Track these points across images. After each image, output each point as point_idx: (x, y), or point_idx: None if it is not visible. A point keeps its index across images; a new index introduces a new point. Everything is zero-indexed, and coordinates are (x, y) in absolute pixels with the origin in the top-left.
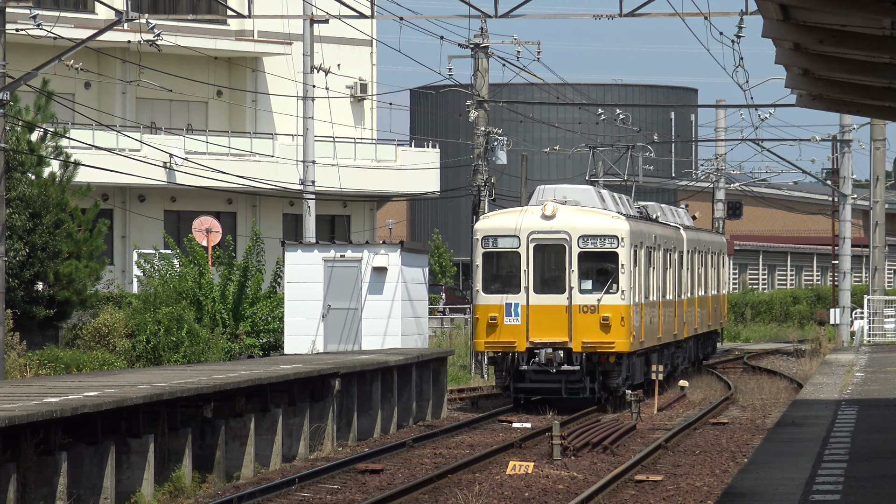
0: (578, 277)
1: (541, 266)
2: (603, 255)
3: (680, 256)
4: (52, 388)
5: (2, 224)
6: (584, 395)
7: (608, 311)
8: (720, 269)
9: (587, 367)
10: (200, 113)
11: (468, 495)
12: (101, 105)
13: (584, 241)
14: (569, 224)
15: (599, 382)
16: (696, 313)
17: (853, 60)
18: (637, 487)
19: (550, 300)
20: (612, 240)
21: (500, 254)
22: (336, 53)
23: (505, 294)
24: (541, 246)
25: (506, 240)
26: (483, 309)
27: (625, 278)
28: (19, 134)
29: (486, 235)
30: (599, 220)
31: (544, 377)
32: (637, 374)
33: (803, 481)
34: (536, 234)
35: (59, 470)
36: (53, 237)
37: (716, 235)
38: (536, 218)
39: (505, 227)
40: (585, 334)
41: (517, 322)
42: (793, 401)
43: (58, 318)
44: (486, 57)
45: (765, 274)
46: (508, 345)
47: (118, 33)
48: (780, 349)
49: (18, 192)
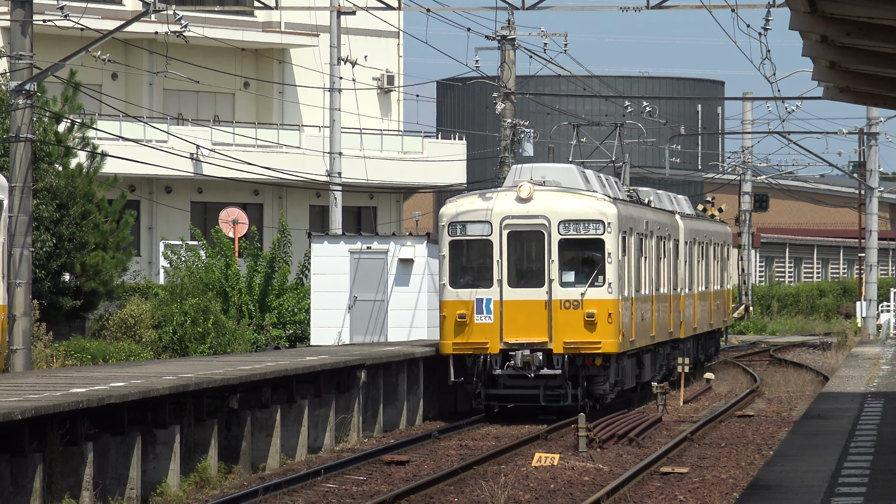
0: (559, 268)
1: (516, 256)
2: (587, 243)
3: (676, 246)
4: (78, 378)
5: (29, 215)
6: (565, 403)
7: (593, 307)
8: (724, 262)
9: (569, 371)
10: (227, 104)
11: (494, 487)
12: (129, 96)
13: (566, 227)
14: (547, 208)
15: (583, 388)
16: (696, 310)
17: (881, 53)
18: (663, 479)
19: (527, 295)
20: (598, 225)
21: (469, 242)
22: (363, 45)
23: (475, 288)
24: (516, 233)
25: (476, 226)
26: (450, 305)
27: (612, 269)
28: (46, 125)
29: (453, 221)
30: (582, 202)
31: (520, 383)
32: (627, 378)
33: (829, 474)
34: (511, 220)
35: (85, 460)
36: (80, 228)
37: (719, 225)
38: (511, 201)
39: (475, 211)
40: (567, 333)
41: (489, 320)
42: (819, 393)
43: (84, 308)
44: (513, 49)
45: (791, 267)
46: (479, 346)
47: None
48: (807, 342)
49: (45, 183)
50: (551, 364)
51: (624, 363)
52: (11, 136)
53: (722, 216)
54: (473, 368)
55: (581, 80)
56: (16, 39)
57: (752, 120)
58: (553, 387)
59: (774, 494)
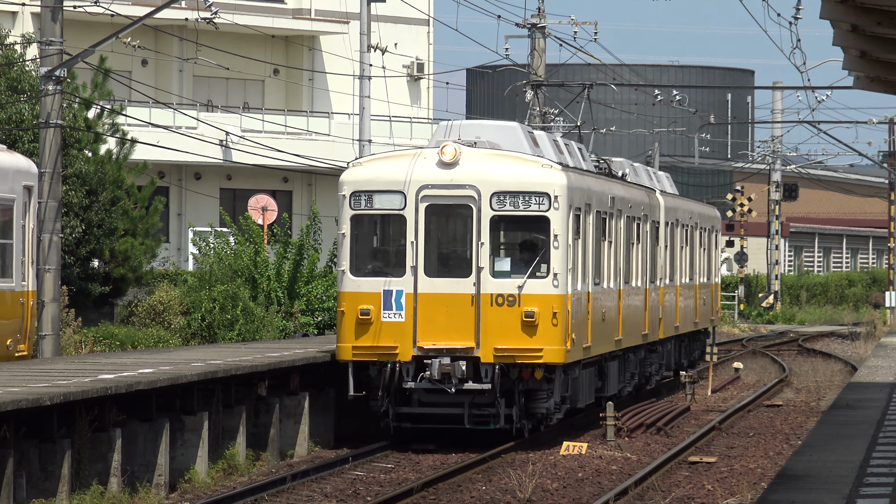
0: (491, 254)
1: (436, 236)
2: (527, 221)
3: (654, 229)
4: (107, 364)
5: (58, 201)
6: (496, 426)
7: (534, 304)
8: (711, 252)
9: (502, 386)
10: (257, 91)
11: (521, 475)
12: (158, 83)
13: (500, 201)
14: (477, 175)
15: (521, 407)
16: (678, 307)
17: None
18: (690, 469)
19: (449, 287)
20: (541, 199)
21: (376, 218)
22: (393, 32)
23: (383, 277)
24: (437, 207)
25: (385, 197)
26: (350, 298)
27: (559, 255)
28: (76, 111)
29: (356, 191)
30: (522, 169)
31: (440, 399)
32: (583, 392)
33: (857, 464)
34: (430, 190)
35: (113, 446)
36: (109, 214)
37: (706, 206)
38: (431, 167)
39: (385, 178)
40: (500, 337)
41: (399, 318)
42: (847, 383)
43: (113, 295)
44: (543, 37)
45: (820, 256)
46: (386, 351)
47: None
48: (835, 332)
49: (75, 169)
50: (478, 376)
51: (576, 375)
52: (41, 122)
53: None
54: (379, 380)
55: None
56: (46, 25)
57: (781, 109)
58: (481, 405)
59: (802, 485)
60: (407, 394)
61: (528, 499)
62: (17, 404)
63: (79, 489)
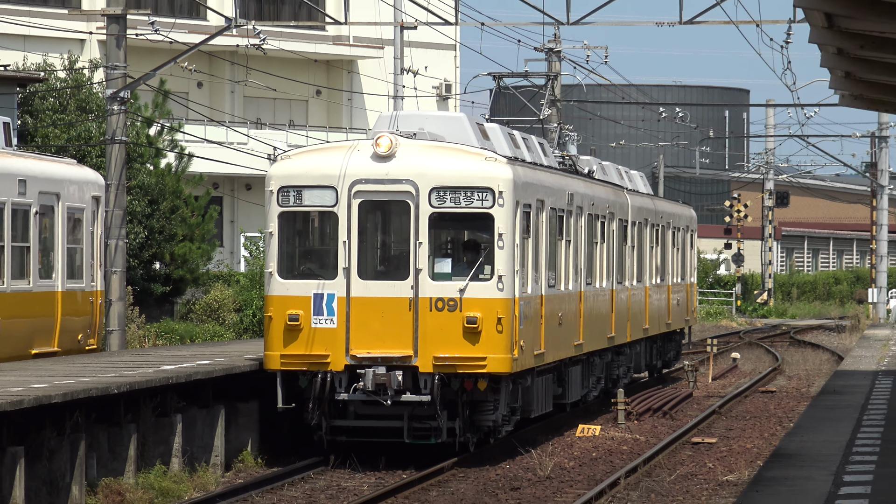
0: (430, 254)
1: (371, 236)
2: (469, 219)
3: (622, 228)
4: (168, 357)
5: (123, 210)
6: (438, 441)
7: (476, 309)
8: (686, 251)
9: (443, 397)
10: (301, 110)
11: (542, 455)
12: (212, 103)
13: (440, 197)
14: (415, 169)
15: (465, 419)
16: (648, 308)
17: (891, 64)
18: (693, 448)
19: (385, 290)
20: (484, 194)
21: (305, 215)
22: (423, 57)
23: (314, 279)
24: (371, 203)
25: (315, 193)
26: (279, 302)
27: (505, 256)
28: (139, 129)
29: (284, 186)
30: (464, 162)
31: (377, 411)
32: (537, 401)
33: (844, 444)
34: (364, 185)
35: (174, 430)
36: (169, 221)
37: (681, 207)
38: (366, 159)
39: (315, 172)
40: (440, 345)
41: (331, 324)
42: (834, 371)
43: (173, 294)
44: (559, 60)
45: (809, 257)
46: (317, 360)
47: (228, 38)
48: (823, 325)
49: (138, 181)
50: (417, 387)
51: (528, 384)
52: (108, 139)
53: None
54: (310, 390)
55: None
56: (111, 52)
57: (774, 124)
58: (422, 417)
59: (795, 462)
60: (341, 406)
61: (548, 476)
62: (88, 393)
63: (143, 469)
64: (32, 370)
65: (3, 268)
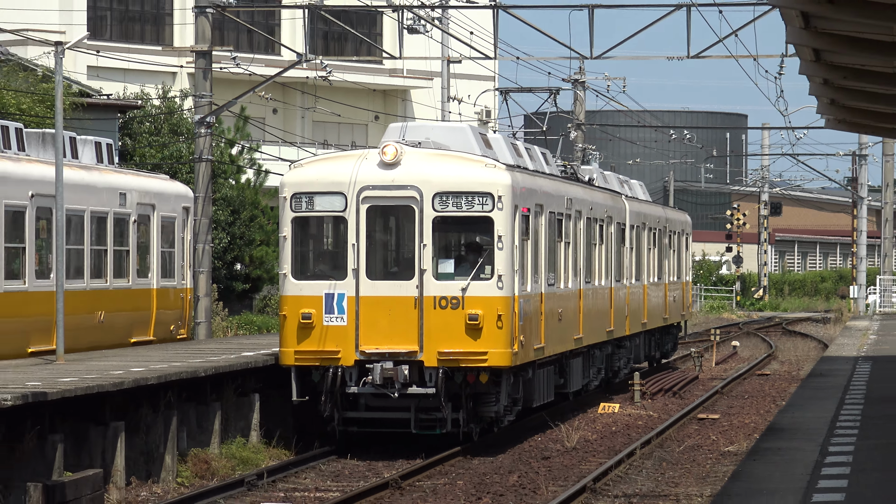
0: (434, 255)
1: (378, 238)
2: (470, 222)
3: (620, 232)
4: (247, 345)
5: (209, 218)
6: (443, 431)
7: (478, 307)
8: (682, 253)
9: (447, 390)
10: (362, 133)
11: (569, 428)
12: (286, 126)
13: (443, 202)
14: (420, 176)
15: (468, 410)
16: (646, 304)
17: (870, 93)
18: (699, 423)
19: (392, 289)
20: (485, 199)
21: (317, 220)
22: (467, 86)
23: (325, 280)
24: (378, 208)
25: (326, 199)
26: (292, 302)
27: (504, 257)
28: (223, 149)
29: (297, 193)
30: (465, 170)
31: (385, 403)
32: (539, 391)
33: (829, 419)
34: (372, 191)
35: (253, 408)
36: (249, 228)
37: (677, 212)
38: (373, 167)
39: (326, 179)
40: (444, 341)
41: (342, 322)
42: (821, 357)
43: (252, 291)
44: (584, 89)
45: (799, 259)
46: (329, 356)
47: (299, 71)
48: (811, 317)
49: (222, 194)
50: (423, 380)
51: (529, 376)
52: (196, 158)
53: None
54: (322, 384)
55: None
56: (198, 82)
57: (769, 144)
58: (427, 409)
59: (787, 435)
60: (352, 398)
61: (574, 447)
62: (179, 375)
63: (226, 441)
64: (132, 356)
65: (106, 268)
